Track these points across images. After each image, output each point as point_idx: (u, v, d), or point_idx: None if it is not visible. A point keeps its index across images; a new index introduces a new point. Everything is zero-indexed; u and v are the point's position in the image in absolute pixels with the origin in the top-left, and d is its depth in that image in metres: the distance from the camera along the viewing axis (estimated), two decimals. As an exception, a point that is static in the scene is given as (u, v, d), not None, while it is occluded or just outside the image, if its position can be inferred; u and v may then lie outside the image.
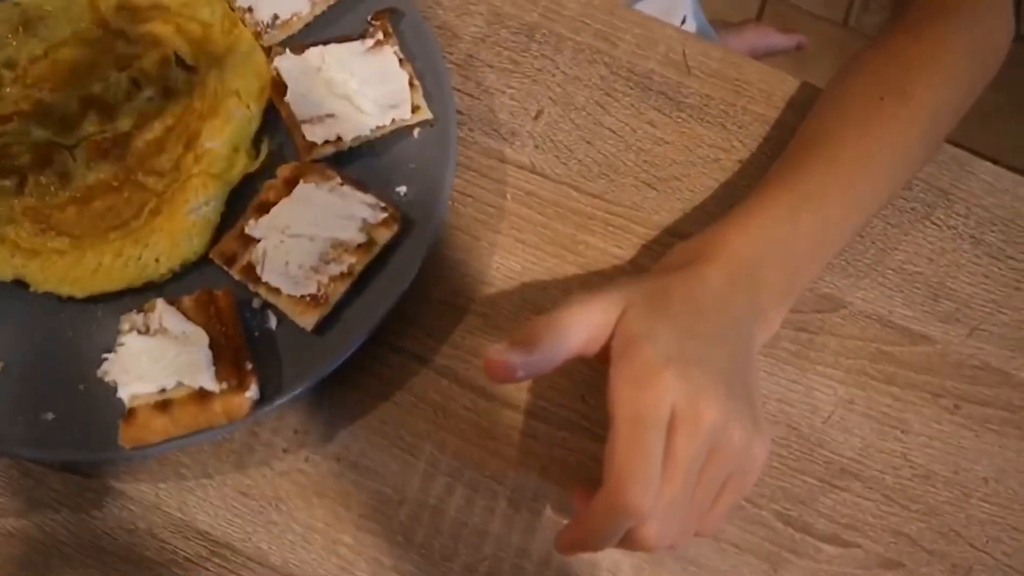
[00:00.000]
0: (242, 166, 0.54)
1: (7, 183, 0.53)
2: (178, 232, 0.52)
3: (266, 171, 0.54)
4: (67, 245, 0.52)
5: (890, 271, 0.56)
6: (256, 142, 0.55)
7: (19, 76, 0.56)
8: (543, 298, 0.54)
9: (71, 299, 0.51)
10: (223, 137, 0.54)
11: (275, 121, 0.56)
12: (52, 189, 0.53)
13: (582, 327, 0.43)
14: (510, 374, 0.42)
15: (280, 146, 0.55)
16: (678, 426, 0.41)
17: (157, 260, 0.51)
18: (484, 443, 0.51)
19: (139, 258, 0.52)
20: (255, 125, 0.56)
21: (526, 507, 0.49)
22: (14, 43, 0.57)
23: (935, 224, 0.57)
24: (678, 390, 0.41)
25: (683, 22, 0.85)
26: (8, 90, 0.56)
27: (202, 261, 0.52)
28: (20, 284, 0.51)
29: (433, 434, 0.51)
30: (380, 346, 0.52)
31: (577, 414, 0.51)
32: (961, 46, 0.55)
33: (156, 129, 0.55)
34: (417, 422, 0.51)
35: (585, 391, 0.52)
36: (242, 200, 0.53)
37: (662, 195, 0.57)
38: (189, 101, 0.56)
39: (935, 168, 0.58)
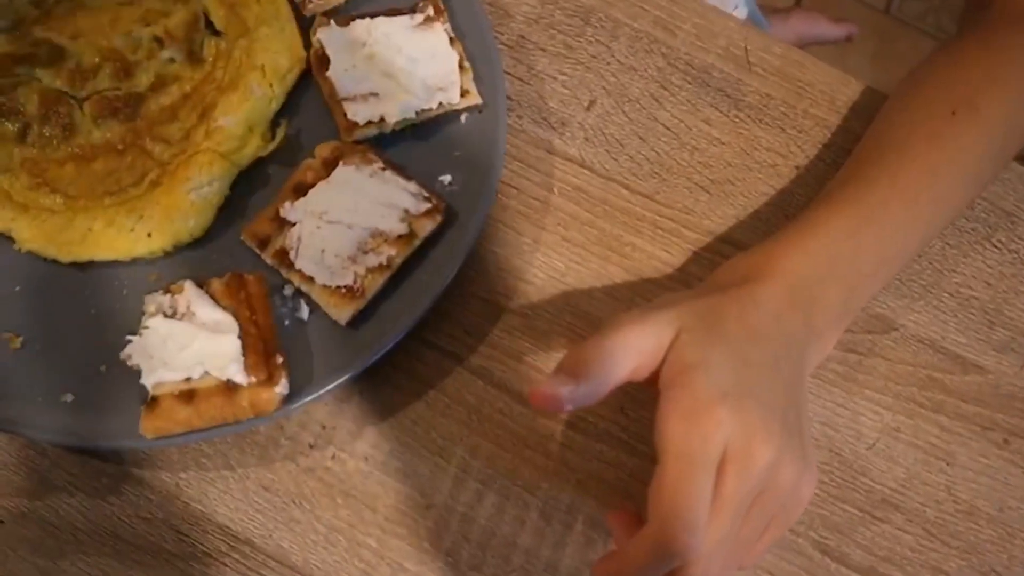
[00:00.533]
0: (254, 148, 0.51)
1: (9, 127, 0.51)
2: (175, 209, 0.49)
3: (277, 157, 0.51)
4: (60, 204, 0.50)
5: (946, 294, 0.53)
6: (273, 125, 0.52)
7: (41, 17, 0.54)
8: (586, 302, 0.52)
9: (76, 266, 0.49)
10: (239, 114, 0.51)
11: (295, 105, 0.53)
12: (54, 142, 0.51)
13: (632, 353, 0.41)
14: (558, 407, 0.40)
15: (298, 132, 0.52)
16: (729, 464, 0.39)
17: (149, 235, 0.49)
18: (518, 451, 0.49)
19: (131, 230, 0.49)
20: (275, 106, 0.52)
21: (558, 520, 0.48)
22: None
23: (996, 247, 0.54)
24: (732, 426, 0.39)
25: (735, 8, 0.82)
26: (29, 30, 0.53)
27: (196, 243, 0.50)
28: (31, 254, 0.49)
29: (465, 438, 0.49)
30: (414, 340, 0.50)
31: (616, 426, 0.49)
32: None
33: (172, 93, 0.52)
34: (450, 424, 0.49)
35: (624, 402, 0.50)
36: (248, 185, 0.51)
37: (715, 199, 0.54)
38: (211, 70, 0.53)
39: (999, 187, 0.55)
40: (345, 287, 0.47)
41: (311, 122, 0.52)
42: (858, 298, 0.48)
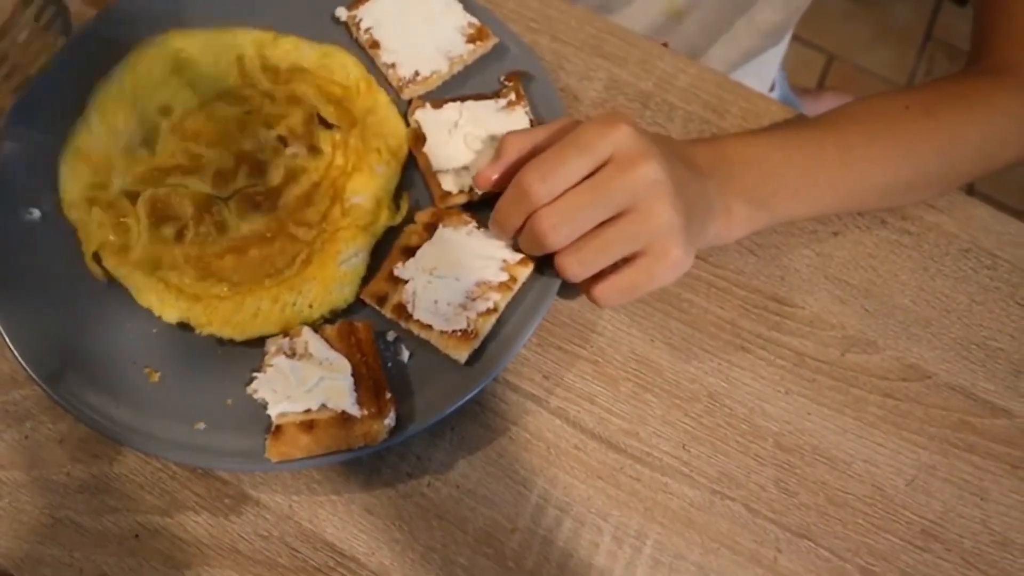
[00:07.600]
0: (385, 219, 0.58)
1: (168, 231, 0.58)
2: (330, 281, 0.56)
3: (404, 223, 0.58)
4: (227, 291, 0.56)
5: (974, 346, 0.59)
6: (395, 198, 0.59)
7: (175, 127, 0.61)
8: (649, 349, 0.58)
9: (231, 341, 0.55)
10: (367, 192, 0.59)
11: (411, 177, 0.60)
12: (210, 239, 0.57)
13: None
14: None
15: (417, 201, 0.60)
16: (611, 162, 0.46)
17: (311, 306, 0.55)
18: (592, 482, 0.55)
19: (294, 304, 0.56)
20: (395, 181, 0.60)
21: (628, 544, 0.53)
22: (171, 84, 0.62)
23: (1019, 304, 0.60)
24: (634, 142, 0.46)
25: (772, 88, 0.89)
26: (167, 141, 0.60)
27: (349, 307, 0.56)
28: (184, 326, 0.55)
29: (545, 470, 0.55)
30: (500, 385, 0.57)
31: (678, 461, 0.55)
32: (1002, 102, 0.58)
33: (303, 184, 0.59)
34: (531, 458, 0.55)
35: (686, 441, 0.56)
36: (383, 251, 0.57)
37: (762, 261, 0.61)
38: (332, 158, 0.60)
39: (1021, 251, 0.61)
40: (460, 331, 0.53)
41: (417, 192, 0.60)
42: (775, 198, 0.55)
